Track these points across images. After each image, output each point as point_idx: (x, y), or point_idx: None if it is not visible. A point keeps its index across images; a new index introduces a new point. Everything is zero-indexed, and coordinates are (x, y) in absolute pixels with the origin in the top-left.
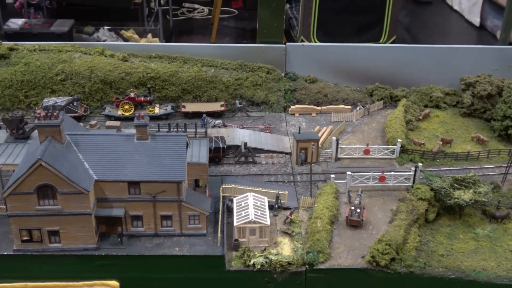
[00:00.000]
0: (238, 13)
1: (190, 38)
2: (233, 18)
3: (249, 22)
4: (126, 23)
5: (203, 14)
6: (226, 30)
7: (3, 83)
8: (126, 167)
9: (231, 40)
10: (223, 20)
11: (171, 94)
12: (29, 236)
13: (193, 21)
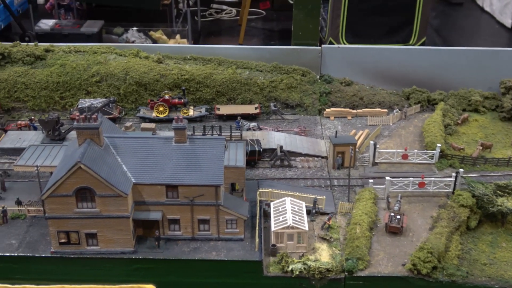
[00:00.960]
0: (265, 14)
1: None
2: (260, 19)
3: (276, 23)
4: (155, 24)
5: (231, 15)
6: (254, 31)
7: (39, 84)
8: (164, 170)
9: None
10: (251, 21)
11: (205, 96)
12: (67, 238)
13: (221, 22)
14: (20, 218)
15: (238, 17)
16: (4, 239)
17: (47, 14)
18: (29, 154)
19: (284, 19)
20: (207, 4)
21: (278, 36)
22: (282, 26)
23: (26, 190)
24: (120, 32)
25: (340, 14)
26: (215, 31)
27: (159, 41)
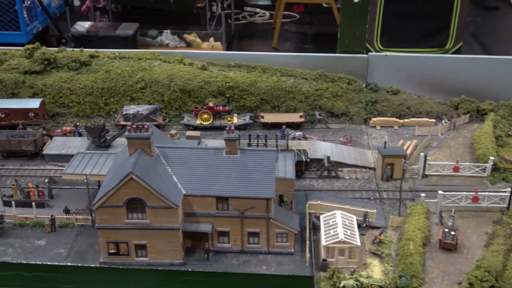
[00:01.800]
0: (299, 18)
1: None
2: (294, 22)
3: (310, 27)
4: (189, 27)
5: (264, 18)
6: (288, 34)
7: (84, 90)
8: (215, 181)
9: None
10: (284, 25)
11: (249, 104)
12: (116, 249)
13: (254, 25)
14: (68, 226)
15: (272, 20)
16: (52, 248)
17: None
18: (77, 162)
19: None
20: (240, 7)
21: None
22: (315, 30)
23: (73, 198)
24: (155, 34)
25: (375, 18)
26: (249, 34)
27: (193, 44)
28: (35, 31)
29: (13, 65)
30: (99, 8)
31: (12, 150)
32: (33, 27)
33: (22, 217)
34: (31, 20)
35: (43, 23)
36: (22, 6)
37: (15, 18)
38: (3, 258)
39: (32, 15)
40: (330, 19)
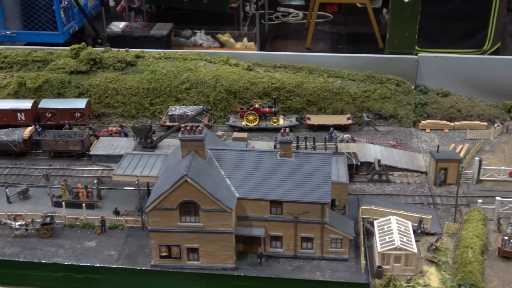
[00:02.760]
0: (333, 18)
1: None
2: (328, 22)
3: (344, 27)
4: (222, 27)
5: (297, 19)
6: (321, 34)
7: (129, 91)
8: (269, 185)
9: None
10: (318, 25)
11: (295, 106)
12: (168, 252)
13: (287, 26)
14: (118, 228)
15: (305, 20)
16: (103, 250)
17: (118, 16)
18: (126, 163)
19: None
20: (273, 7)
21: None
22: (349, 30)
23: (121, 199)
24: (188, 34)
25: None
26: (282, 35)
27: (227, 44)
28: (71, 31)
29: (59, 65)
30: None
31: (59, 150)
32: (70, 27)
33: (72, 218)
34: (68, 20)
35: (79, 23)
36: (59, 6)
37: (53, 18)
38: (54, 259)
39: (69, 15)
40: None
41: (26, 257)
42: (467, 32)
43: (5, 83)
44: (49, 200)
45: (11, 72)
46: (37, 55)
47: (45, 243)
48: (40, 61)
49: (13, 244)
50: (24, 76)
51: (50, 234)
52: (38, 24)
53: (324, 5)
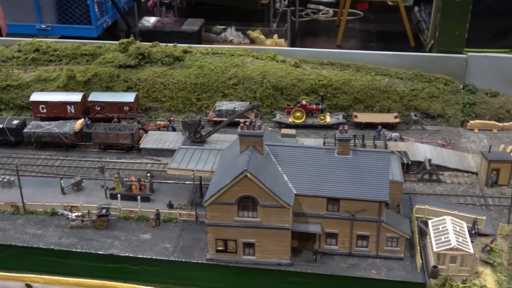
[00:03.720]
0: (363, 15)
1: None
2: (358, 20)
3: (375, 25)
4: (253, 23)
5: (327, 16)
6: (352, 32)
7: (177, 85)
8: (326, 182)
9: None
10: (348, 22)
11: (342, 103)
12: (224, 246)
13: (317, 22)
14: (172, 221)
15: (335, 17)
16: (158, 243)
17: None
18: (180, 157)
19: (383, 20)
20: (303, 4)
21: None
22: (380, 28)
23: (173, 193)
24: (219, 30)
25: None
26: (312, 32)
27: (257, 41)
28: (105, 25)
29: (108, 59)
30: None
31: (110, 143)
32: (103, 22)
33: (127, 210)
34: (102, 14)
35: (112, 18)
36: (93, 0)
37: (87, 13)
38: (111, 250)
39: (103, 9)
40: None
41: (83, 248)
42: (502, 31)
43: (55, 76)
44: (102, 192)
45: (60, 65)
46: (86, 48)
47: (101, 235)
48: (89, 54)
49: (70, 235)
50: (73, 69)
51: (106, 226)
52: (73, 18)
53: (355, 2)
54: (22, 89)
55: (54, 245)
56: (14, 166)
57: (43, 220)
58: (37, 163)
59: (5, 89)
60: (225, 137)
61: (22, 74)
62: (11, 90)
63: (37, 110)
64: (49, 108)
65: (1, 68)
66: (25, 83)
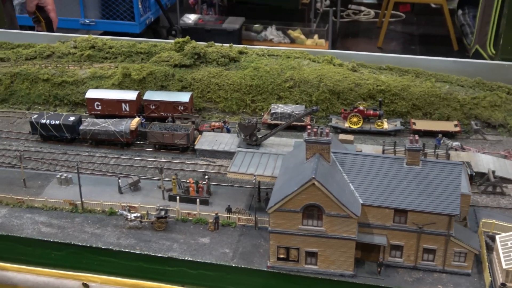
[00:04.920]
0: (405, 18)
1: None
2: (400, 22)
3: (417, 27)
4: (293, 23)
5: (369, 17)
6: (393, 34)
7: (232, 86)
8: (394, 193)
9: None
10: (390, 24)
11: (399, 109)
12: (286, 254)
13: (358, 24)
14: (230, 226)
15: (376, 19)
16: (217, 247)
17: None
18: (239, 160)
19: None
20: (345, 5)
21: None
22: (423, 31)
23: (230, 196)
24: (259, 29)
25: (490, 20)
26: (353, 33)
27: (297, 40)
28: (147, 21)
29: (163, 58)
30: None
31: (165, 143)
32: (146, 18)
33: (185, 213)
34: (145, 11)
35: (155, 14)
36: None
37: (130, 9)
38: (170, 253)
39: (146, 6)
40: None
41: (142, 249)
42: None
43: (110, 73)
44: (159, 193)
45: (115, 62)
46: (141, 46)
47: (160, 237)
48: (144, 53)
49: (128, 236)
50: (129, 67)
51: (164, 228)
52: (116, 13)
53: (397, 4)
54: (77, 85)
55: (113, 245)
56: (70, 163)
57: (101, 219)
58: (92, 160)
59: (61, 85)
60: (280, 141)
61: (78, 70)
62: (66, 86)
63: (92, 107)
64: (104, 105)
65: (57, 64)
66: (80, 79)
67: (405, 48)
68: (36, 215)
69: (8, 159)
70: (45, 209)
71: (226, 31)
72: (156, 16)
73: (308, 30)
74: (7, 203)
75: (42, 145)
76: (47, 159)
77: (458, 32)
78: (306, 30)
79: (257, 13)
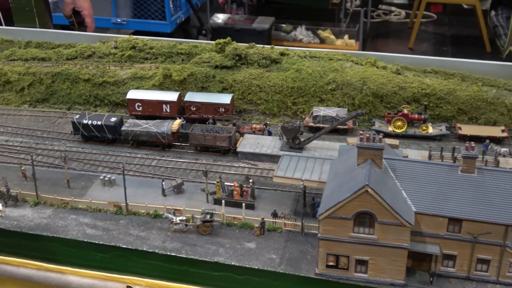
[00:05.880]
0: (436, 18)
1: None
2: (431, 22)
3: (449, 28)
4: (323, 23)
5: (399, 17)
6: (424, 35)
7: (273, 88)
8: (448, 201)
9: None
10: (421, 25)
11: (444, 114)
12: (335, 262)
13: (388, 24)
14: (276, 231)
15: (407, 19)
16: (264, 253)
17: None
18: (285, 164)
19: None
20: (375, 5)
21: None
22: (455, 32)
23: (274, 200)
24: (289, 29)
25: None
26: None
27: (327, 41)
28: (178, 21)
29: (204, 59)
30: (236, 1)
31: (206, 145)
32: (177, 17)
33: (230, 217)
34: (176, 10)
35: (186, 14)
36: None
37: (162, 8)
38: (216, 258)
39: (177, 5)
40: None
41: (187, 254)
42: None
43: (151, 74)
44: (202, 196)
45: (156, 63)
46: (182, 47)
47: (205, 241)
48: (185, 53)
49: (173, 239)
50: (170, 68)
51: (210, 232)
52: (147, 13)
53: (429, 4)
54: (118, 86)
55: (158, 248)
56: (112, 163)
57: (145, 222)
58: (134, 161)
59: (101, 85)
60: (323, 144)
61: (118, 71)
62: (107, 87)
63: (133, 108)
64: (145, 106)
65: (98, 64)
66: (121, 80)
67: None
68: (80, 217)
69: (50, 159)
70: (89, 211)
71: (255, 31)
72: (187, 15)
73: (338, 30)
74: (52, 204)
75: (84, 145)
76: (89, 160)
77: (490, 33)
78: (336, 30)
79: (287, 12)
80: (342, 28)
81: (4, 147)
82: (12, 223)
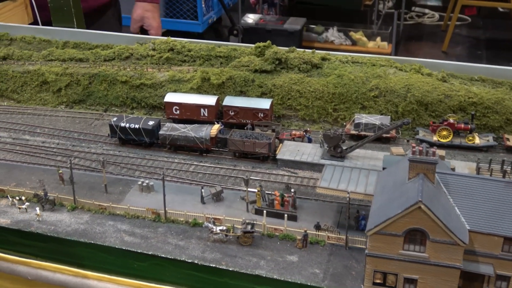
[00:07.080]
0: (471, 21)
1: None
2: (465, 25)
3: (483, 31)
4: (355, 25)
5: (433, 20)
6: (458, 38)
7: (314, 94)
8: (504, 219)
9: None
10: (455, 28)
11: (492, 124)
12: (383, 279)
13: (422, 26)
14: (319, 244)
15: (441, 22)
16: (306, 266)
17: (251, 8)
18: (329, 175)
19: (492, 27)
20: (408, 7)
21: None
22: (489, 35)
23: (316, 211)
24: (320, 30)
25: None
26: (416, 36)
27: (359, 43)
28: (210, 21)
29: (243, 62)
30: (267, 1)
31: (245, 151)
32: (209, 17)
33: (272, 228)
34: (208, 10)
35: (217, 14)
36: None
37: (194, 8)
38: (257, 271)
39: (209, 5)
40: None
41: (227, 265)
42: None
43: (189, 77)
44: (242, 204)
45: (194, 66)
46: (220, 50)
47: (246, 252)
48: (223, 56)
49: (213, 249)
50: (208, 71)
51: (250, 243)
52: (179, 12)
53: (463, 7)
54: (155, 88)
55: (198, 259)
56: (149, 168)
57: (184, 230)
58: (171, 167)
59: (139, 87)
60: (366, 153)
61: (156, 73)
62: (144, 89)
63: (171, 111)
64: (183, 110)
65: (136, 66)
66: (159, 82)
67: (471, 53)
68: (118, 223)
69: (87, 162)
70: (127, 217)
71: (287, 31)
72: (219, 15)
73: (370, 32)
74: (89, 209)
75: (121, 148)
76: (126, 164)
77: None
78: (368, 32)
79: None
80: (374, 30)
81: (41, 148)
82: (50, 228)
